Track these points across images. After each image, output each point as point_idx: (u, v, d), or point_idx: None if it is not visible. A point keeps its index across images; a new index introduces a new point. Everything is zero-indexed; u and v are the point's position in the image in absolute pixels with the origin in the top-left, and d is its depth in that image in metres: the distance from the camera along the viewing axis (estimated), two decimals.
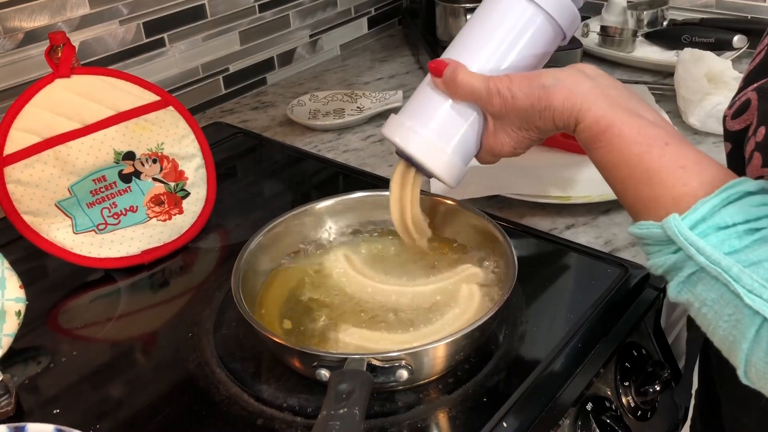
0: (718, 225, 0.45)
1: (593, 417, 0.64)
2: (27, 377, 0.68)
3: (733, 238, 0.45)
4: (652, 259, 0.50)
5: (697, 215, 0.46)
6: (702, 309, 0.46)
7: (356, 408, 0.50)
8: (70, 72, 0.80)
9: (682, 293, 0.47)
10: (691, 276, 0.46)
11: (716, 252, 0.44)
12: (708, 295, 0.45)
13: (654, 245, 0.49)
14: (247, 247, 0.71)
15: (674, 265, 0.47)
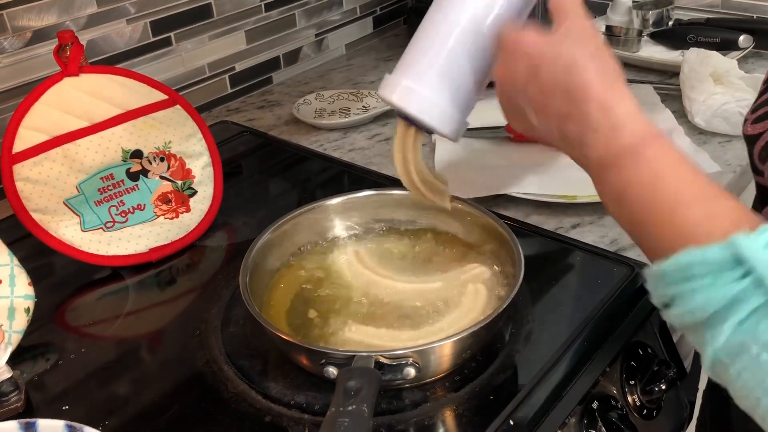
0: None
1: (599, 415, 0.64)
2: (36, 374, 0.69)
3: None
4: (698, 295, 0.41)
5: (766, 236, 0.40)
6: (762, 356, 0.38)
7: (365, 405, 0.50)
8: (79, 70, 0.81)
9: (737, 335, 0.39)
10: (756, 311, 0.39)
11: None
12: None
13: (703, 278, 0.41)
14: (255, 244, 0.71)
15: (735, 298, 0.39)
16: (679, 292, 0.42)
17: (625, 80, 0.52)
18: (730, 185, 0.91)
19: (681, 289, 0.42)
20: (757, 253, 0.39)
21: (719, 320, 0.40)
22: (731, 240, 0.40)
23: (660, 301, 0.45)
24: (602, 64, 0.51)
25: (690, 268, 0.41)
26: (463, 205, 0.76)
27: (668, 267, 0.42)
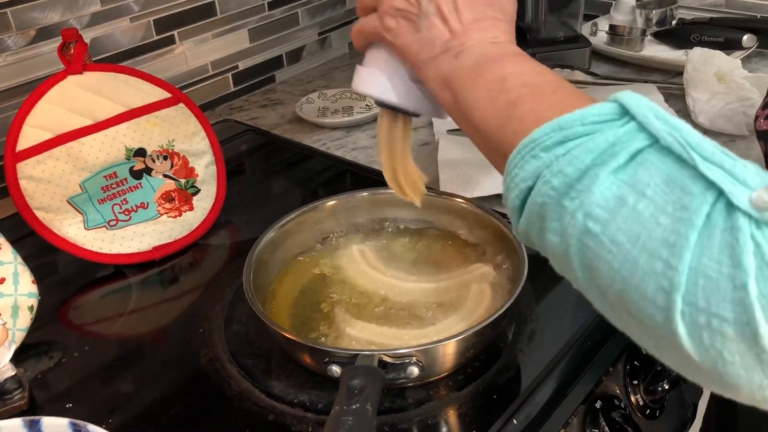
0: (657, 111, 0.38)
1: (602, 415, 0.64)
2: (39, 372, 0.69)
3: (674, 121, 0.37)
4: (574, 152, 0.38)
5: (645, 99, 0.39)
6: (639, 204, 0.35)
7: (368, 404, 0.50)
8: (82, 68, 0.81)
9: (613, 187, 0.36)
10: (635, 157, 0.36)
11: (678, 120, 0.37)
12: (652, 180, 0.35)
13: (581, 136, 0.38)
14: (258, 243, 0.72)
15: (615, 142, 0.37)
16: (550, 157, 0.39)
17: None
18: None
19: (553, 153, 0.39)
20: (642, 102, 0.37)
21: (593, 175, 0.37)
22: (615, 96, 0.39)
23: (521, 190, 0.41)
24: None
25: (569, 125, 0.39)
26: (468, 204, 0.76)
27: (543, 130, 0.40)
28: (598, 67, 1.24)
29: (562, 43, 1.21)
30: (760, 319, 0.32)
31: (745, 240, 0.32)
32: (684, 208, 0.34)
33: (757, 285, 0.32)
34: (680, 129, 0.36)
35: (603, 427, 0.64)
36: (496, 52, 0.49)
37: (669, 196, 0.35)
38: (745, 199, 0.33)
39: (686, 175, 0.35)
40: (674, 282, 0.33)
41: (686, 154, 0.35)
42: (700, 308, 0.33)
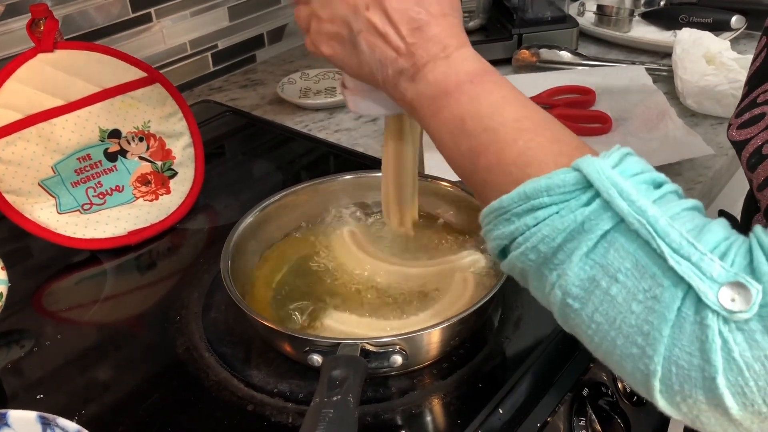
0: (631, 171, 0.38)
1: (589, 402, 0.63)
2: (10, 361, 0.67)
3: (647, 188, 0.38)
4: (543, 227, 0.38)
5: (615, 157, 0.38)
6: (612, 289, 0.36)
7: (350, 395, 0.48)
8: (53, 46, 0.78)
9: (586, 268, 0.37)
10: (604, 237, 0.37)
11: (641, 197, 0.36)
12: (622, 264, 0.36)
13: (548, 207, 0.38)
14: (237, 228, 0.69)
15: (583, 224, 0.37)
16: (521, 226, 0.39)
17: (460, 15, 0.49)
18: (722, 169, 0.89)
19: (524, 222, 0.39)
20: (603, 174, 0.37)
21: (567, 253, 0.38)
22: (577, 163, 0.38)
23: (498, 245, 0.42)
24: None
25: (535, 195, 0.39)
26: (454, 188, 0.74)
27: (511, 198, 0.40)
28: (585, 48, 1.22)
29: (549, 24, 1.19)
30: (730, 403, 0.34)
31: (713, 336, 0.33)
32: (655, 299, 0.35)
33: (726, 377, 0.33)
34: (645, 212, 0.36)
35: (590, 414, 0.63)
36: (449, 79, 0.46)
37: (640, 282, 0.36)
38: (713, 296, 0.34)
39: (655, 264, 0.35)
40: (650, 369, 0.35)
41: (654, 243, 0.35)
42: (675, 390, 0.35)
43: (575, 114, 0.98)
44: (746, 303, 0.33)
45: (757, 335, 0.33)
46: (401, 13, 0.46)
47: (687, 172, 0.87)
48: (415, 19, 0.46)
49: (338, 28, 0.48)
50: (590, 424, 0.63)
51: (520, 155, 0.42)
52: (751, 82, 0.57)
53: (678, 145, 0.87)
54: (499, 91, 0.45)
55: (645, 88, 1.03)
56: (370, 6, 0.46)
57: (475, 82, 0.45)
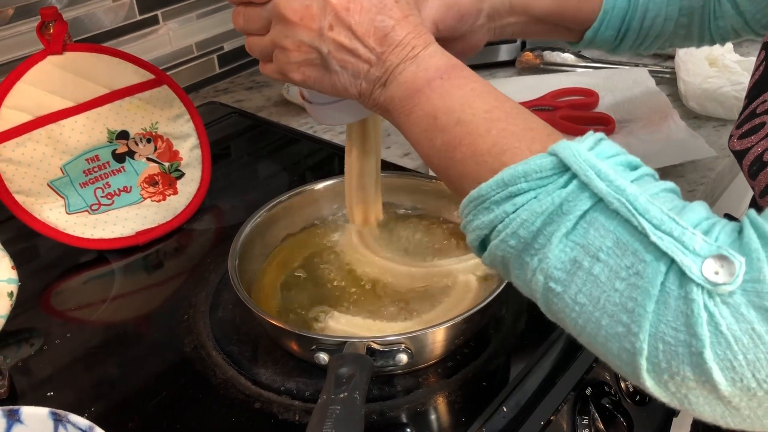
0: (606, 153, 0.39)
1: (592, 402, 0.64)
2: (20, 359, 0.67)
3: (624, 169, 0.38)
4: (522, 212, 0.39)
5: (589, 141, 0.39)
6: (594, 268, 0.36)
7: (357, 392, 0.49)
8: (63, 48, 0.79)
9: (567, 250, 0.37)
10: (583, 218, 0.37)
11: (619, 177, 0.37)
12: (603, 243, 0.36)
13: (526, 192, 0.39)
14: (244, 227, 0.70)
15: (561, 205, 0.37)
16: (501, 213, 0.40)
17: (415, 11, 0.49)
18: (725, 170, 0.90)
19: (503, 209, 0.40)
20: (579, 156, 0.37)
21: (546, 236, 0.38)
22: (553, 148, 0.39)
23: (478, 236, 0.42)
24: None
25: (513, 181, 0.39)
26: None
27: (489, 186, 0.40)
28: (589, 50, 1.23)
29: None
30: (719, 378, 0.34)
31: (698, 310, 0.33)
32: (638, 275, 0.35)
33: (713, 350, 0.33)
34: (624, 191, 0.36)
35: (593, 413, 0.63)
36: (419, 77, 0.46)
37: (622, 260, 0.36)
38: (697, 270, 0.34)
39: (636, 240, 0.35)
40: (636, 347, 0.35)
41: (635, 221, 0.35)
42: (663, 368, 0.35)
43: (578, 115, 0.98)
44: (730, 275, 0.33)
45: (743, 308, 0.33)
46: (365, 25, 0.46)
47: (689, 174, 0.87)
48: (380, 27, 0.46)
49: (306, 54, 0.48)
50: (593, 423, 0.63)
51: (494, 144, 0.42)
52: (750, 94, 0.58)
53: (680, 146, 0.88)
54: (468, 84, 0.46)
55: (648, 90, 1.03)
56: (334, 26, 0.46)
57: (444, 77, 0.46)
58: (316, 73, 0.48)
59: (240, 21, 0.50)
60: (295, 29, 0.47)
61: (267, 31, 0.49)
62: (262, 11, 0.48)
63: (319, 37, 0.46)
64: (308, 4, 0.46)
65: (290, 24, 0.47)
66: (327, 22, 0.46)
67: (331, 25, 0.46)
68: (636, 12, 0.73)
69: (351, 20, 0.46)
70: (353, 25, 0.46)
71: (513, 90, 1.05)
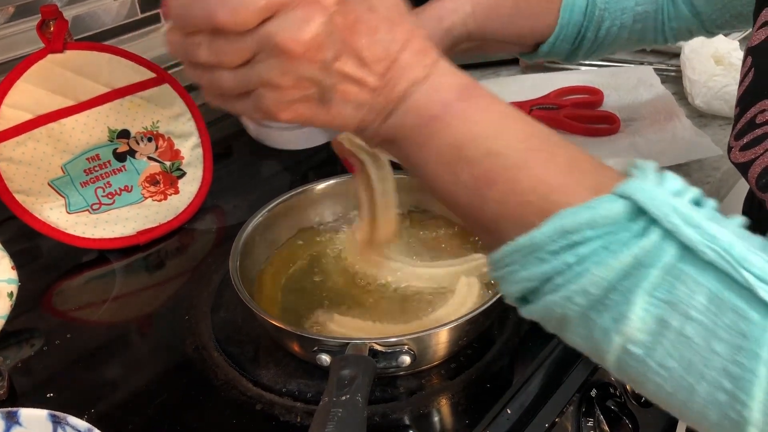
0: (675, 189, 0.34)
1: (598, 403, 0.63)
2: (20, 360, 0.67)
3: (697, 208, 0.34)
4: (590, 265, 0.34)
5: (658, 177, 0.34)
6: (686, 329, 0.32)
7: (359, 394, 0.48)
8: (63, 47, 0.78)
9: (651, 309, 0.33)
10: (669, 270, 0.32)
11: (706, 221, 0.32)
12: (695, 299, 0.32)
13: (592, 240, 0.34)
14: (246, 227, 0.70)
15: (641, 258, 0.33)
16: (560, 265, 0.34)
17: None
18: (731, 169, 0.89)
19: (563, 261, 0.34)
20: (659, 199, 0.33)
21: (623, 292, 0.33)
22: (622, 188, 0.34)
23: (523, 288, 0.37)
24: None
25: (576, 229, 0.34)
26: None
27: (544, 234, 0.35)
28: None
29: None
30: None
31: None
32: (743, 336, 0.31)
33: None
34: (718, 239, 0.32)
35: (598, 415, 0.63)
36: (433, 100, 0.39)
37: (719, 318, 0.32)
38: None
39: (737, 295, 0.32)
40: (744, 416, 0.31)
41: (736, 273, 0.31)
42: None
43: (583, 114, 0.97)
44: None
45: None
46: (373, 48, 0.38)
47: (695, 172, 0.87)
48: (389, 52, 0.39)
49: (305, 90, 0.38)
50: (598, 425, 0.63)
51: (539, 181, 0.37)
52: (742, 102, 0.56)
53: (686, 145, 0.87)
54: (492, 106, 0.40)
55: (653, 89, 1.02)
56: (341, 56, 0.38)
57: (462, 98, 0.39)
58: (311, 109, 0.40)
59: (203, 53, 0.38)
60: (295, 63, 0.37)
61: (243, 63, 0.38)
62: (243, 42, 0.37)
63: (323, 70, 0.38)
64: (314, 31, 0.36)
65: (290, 57, 0.36)
66: (334, 50, 0.37)
67: (336, 55, 0.38)
68: (591, 23, 0.73)
69: (358, 44, 0.38)
70: (361, 50, 0.38)
71: (517, 88, 1.05)
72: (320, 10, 0.36)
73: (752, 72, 0.55)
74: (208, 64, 0.38)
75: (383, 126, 0.41)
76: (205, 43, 0.37)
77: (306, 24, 0.36)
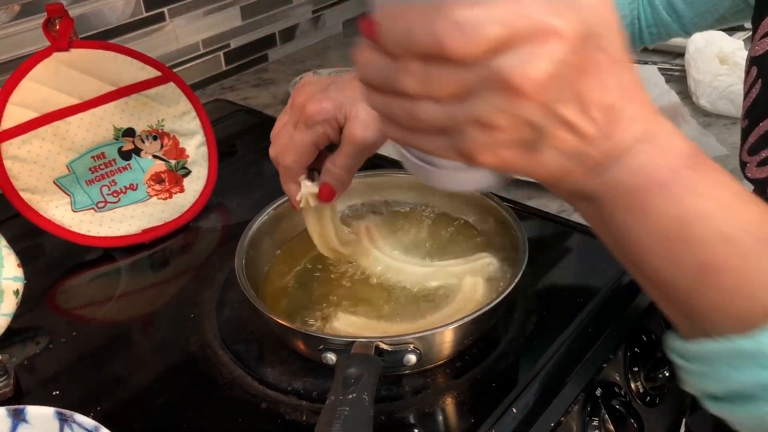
0: None
1: (603, 402, 0.63)
2: (26, 358, 0.67)
3: None
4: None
5: None
6: None
7: (365, 393, 0.48)
8: (69, 45, 0.78)
9: None
10: None
11: None
12: None
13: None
14: (251, 226, 0.70)
15: None
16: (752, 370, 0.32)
17: None
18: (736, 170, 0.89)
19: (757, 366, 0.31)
20: None
21: None
22: None
23: (728, 389, 0.34)
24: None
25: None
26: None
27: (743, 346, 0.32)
28: None
29: None
30: None
31: None
32: None
33: None
34: None
35: (603, 414, 0.63)
36: (660, 164, 0.34)
37: None
38: None
39: None
40: None
41: None
42: None
43: None
44: None
45: None
46: (599, 95, 0.33)
47: None
48: (614, 99, 0.34)
49: (521, 133, 0.33)
50: (603, 425, 0.63)
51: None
52: (751, 114, 0.55)
53: None
54: (724, 180, 0.35)
55: (657, 89, 1.02)
56: (566, 99, 0.33)
57: (691, 166, 0.35)
58: (514, 154, 0.34)
59: (412, 81, 0.33)
60: (519, 103, 0.32)
61: (460, 99, 0.33)
62: (465, 72, 0.32)
63: (544, 113, 0.33)
64: (549, 69, 0.31)
65: (515, 96, 0.32)
66: (560, 92, 0.32)
67: (559, 98, 0.33)
68: None
69: (584, 87, 0.33)
70: (585, 93, 0.33)
71: None
72: (559, 45, 0.31)
73: (759, 83, 0.54)
74: (414, 94, 0.34)
75: (589, 181, 0.36)
76: (417, 70, 0.32)
77: (541, 59, 0.31)
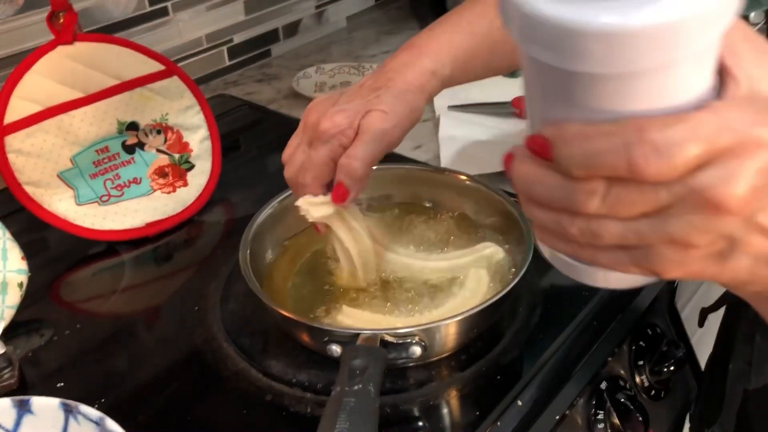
0: None
1: (608, 396, 0.63)
2: (30, 350, 0.67)
3: None
4: None
5: None
6: None
7: (371, 384, 0.48)
8: (73, 38, 0.78)
9: None
10: None
11: None
12: None
13: None
14: (256, 219, 0.70)
15: None
16: None
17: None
18: None
19: None
20: None
21: None
22: None
23: None
24: None
25: None
26: (471, 181, 0.74)
27: None
28: None
29: None
30: None
31: None
32: None
33: None
34: None
35: (608, 408, 0.63)
36: None
37: None
38: None
39: None
40: None
41: None
42: None
43: None
44: None
45: None
46: None
47: None
48: None
49: (717, 247, 0.32)
50: (609, 418, 0.63)
51: None
52: None
53: None
54: None
55: None
56: (765, 206, 0.31)
57: None
58: (707, 266, 0.32)
59: (594, 203, 0.31)
60: (722, 220, 0.30)
61: (649, 217, 0.31)
62: (657, 192, 0.30)
63: (744, 226, 0.31)
64: (753, 183, 0.29)
65: (718, 213, 0.30)
66: (756, 204, 0.30)
67: (759, 207, 0.30)
68: None
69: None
70: None
71: (516, 89, 1.04)
72: (759, 155, 0.29)
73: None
74: (597, 214, 0.31)
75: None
76: (602, 191, 0.30)
77: (747, 172, 0.29)
